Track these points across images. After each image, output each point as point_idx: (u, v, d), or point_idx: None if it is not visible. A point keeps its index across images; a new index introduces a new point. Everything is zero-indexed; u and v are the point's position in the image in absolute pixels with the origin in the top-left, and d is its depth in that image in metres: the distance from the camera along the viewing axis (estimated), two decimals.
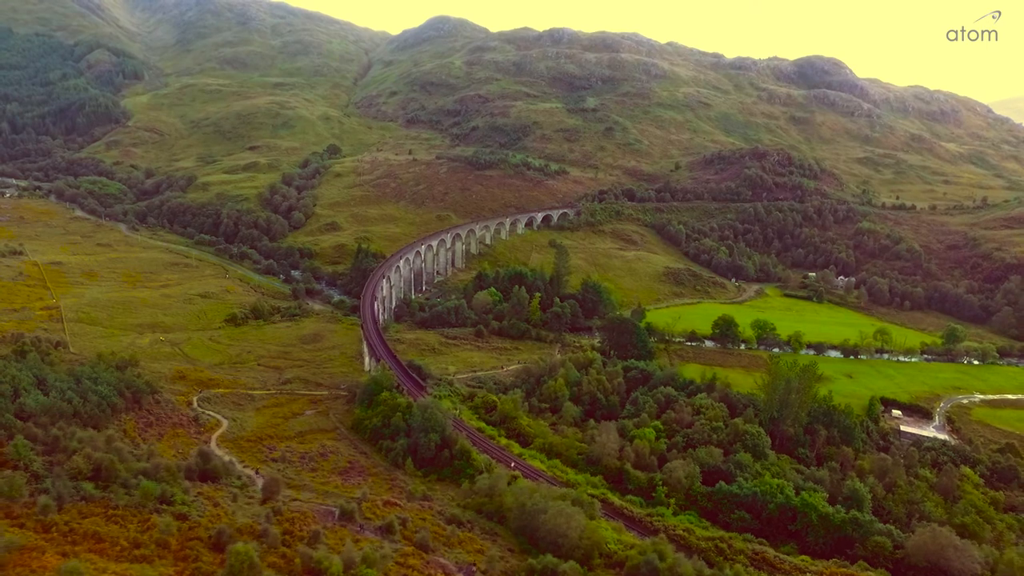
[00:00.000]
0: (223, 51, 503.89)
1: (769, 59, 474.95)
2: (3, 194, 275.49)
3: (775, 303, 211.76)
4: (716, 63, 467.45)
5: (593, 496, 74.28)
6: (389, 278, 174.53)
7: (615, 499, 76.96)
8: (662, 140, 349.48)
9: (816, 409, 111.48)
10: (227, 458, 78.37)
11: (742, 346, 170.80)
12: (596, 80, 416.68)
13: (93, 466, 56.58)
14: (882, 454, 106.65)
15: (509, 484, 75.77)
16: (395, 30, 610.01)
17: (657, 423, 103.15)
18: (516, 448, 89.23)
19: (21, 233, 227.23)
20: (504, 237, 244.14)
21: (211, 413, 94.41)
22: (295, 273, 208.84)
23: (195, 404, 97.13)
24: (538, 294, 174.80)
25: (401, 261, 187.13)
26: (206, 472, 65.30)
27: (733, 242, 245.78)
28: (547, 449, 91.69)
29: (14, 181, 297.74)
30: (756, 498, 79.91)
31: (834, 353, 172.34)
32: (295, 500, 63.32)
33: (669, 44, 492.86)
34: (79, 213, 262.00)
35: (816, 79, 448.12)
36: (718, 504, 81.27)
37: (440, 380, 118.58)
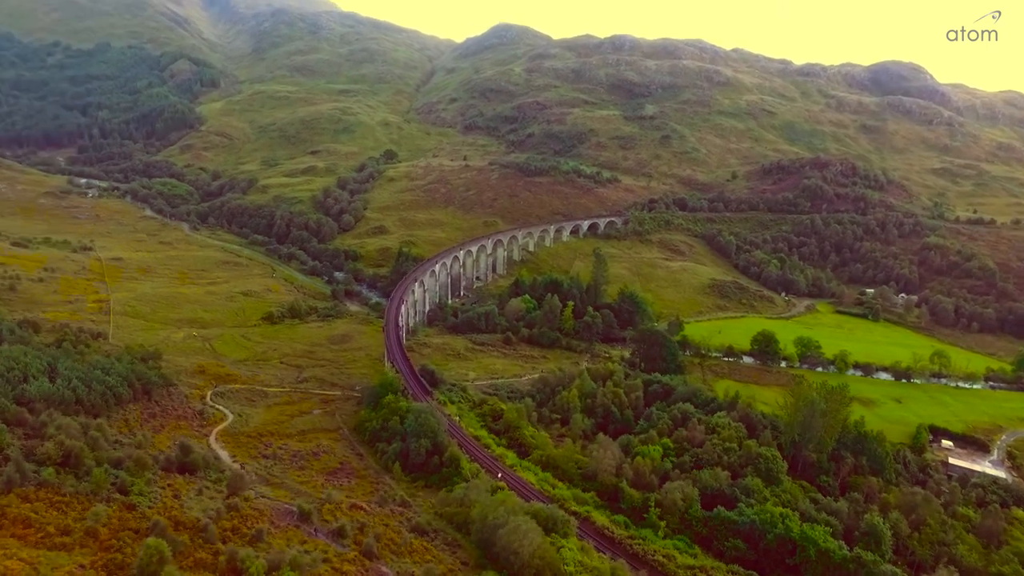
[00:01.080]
0: (293, 59, 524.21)
1: (840, 65, 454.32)
2: (86, 194, 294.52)
3: (826, 320, 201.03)
4: (783, 70, 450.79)
5: (575, 513, 71.72)
6: (423, 282, 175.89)
7: (600, 518, 74.00)
8: (721, 149, 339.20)
9: (846, 435, 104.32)
10: (221, 452, 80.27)
11: (783, 364, 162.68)
12: (656, 87, 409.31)
13: (63, 453, 58.90)
14: (916, 488, 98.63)
15: (493, 494, 74.29)
16: (461, 38, 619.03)
17: (667, 440, 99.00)
18: (511, 458, 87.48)
19: (95, 230, 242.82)
20: (548, 244, 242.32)
21: (220, 407, 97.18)
22: (338, 275, 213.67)
23: (208, 398, 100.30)
24: (571, 303, 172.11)
25: (437, 266, 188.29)
26: (185, 464, 66.98)
27: (786, 255, 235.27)
28: (544, 461, 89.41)
29: (97, 182, 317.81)
30: (754, 527, 75.16)
31: (884, 375, 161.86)
32: (263, 497, 64.02)
33: (734, 51, 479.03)
34: (148, 212, 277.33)
35: (891, 86, 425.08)
36: (713, 530, 76.92)
37: (454, 386, 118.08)
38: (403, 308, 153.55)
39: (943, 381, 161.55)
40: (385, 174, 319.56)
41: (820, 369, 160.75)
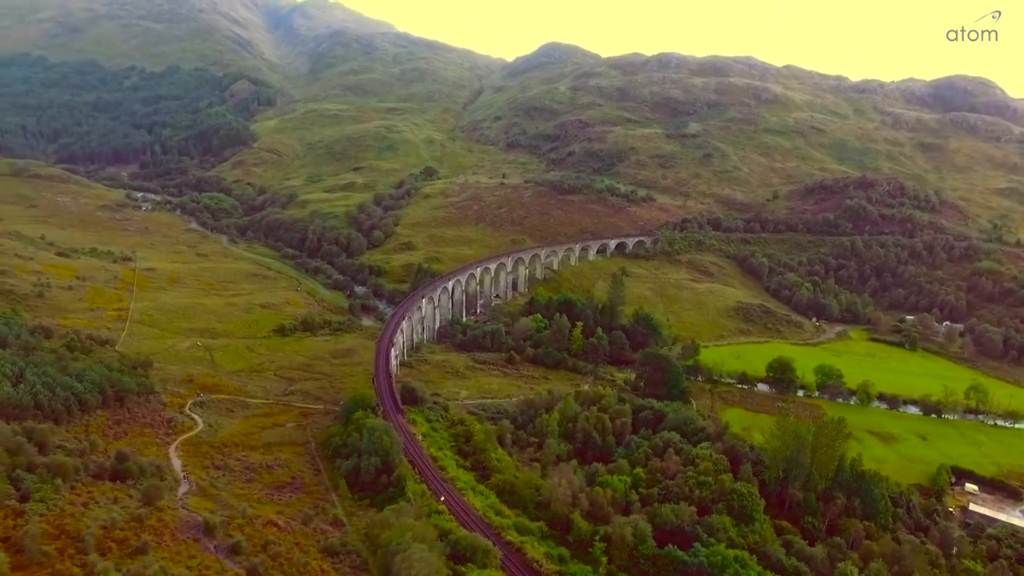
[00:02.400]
0: (347, 79, 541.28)
1: (900, 81, 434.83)
2: (140, 207, 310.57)
3: (857, 348, 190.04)
4: (837, 86, 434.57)
5: (508, 543, 68.93)
6: (432, 299, 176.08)
7: (538, 549, 70.68)
8: (764, 168, 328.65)
9: (841, 473, 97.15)
10: (176, 461, 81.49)
11: (800, 392, 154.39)
12: (701, 105, 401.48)
13: None
14: (910, 536, 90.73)
15: (428, 517, 72.57)
16: (512, 57, 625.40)
17: (639, 471, 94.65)
18: (465, 481, 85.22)
19: (140, 242, 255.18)
20: (573, 263, 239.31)
21: (195, 416, 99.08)
22: (358, 289, 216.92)
23: (187, 407, 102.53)
24: (580, 323, 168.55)
25: (451, 283, 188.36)
26: (118, 472, 68.24)
27: (822, 278, 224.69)
28: (502, 486, 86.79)
29: (152, 196, 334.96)
30: (702, 569, 70.38)
31: (912, 409, 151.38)
32: (183, 508, 64.32)
33: (786, 67, 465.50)
34: (193, 225, 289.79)
35: (956, 101, 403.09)
36: (661, 570, 72.47)
37: (436, 404, 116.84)
38: (405, 324, 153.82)
39: (980, 418, 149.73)
40: (421, 191, 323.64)
41: (840, 400, 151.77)
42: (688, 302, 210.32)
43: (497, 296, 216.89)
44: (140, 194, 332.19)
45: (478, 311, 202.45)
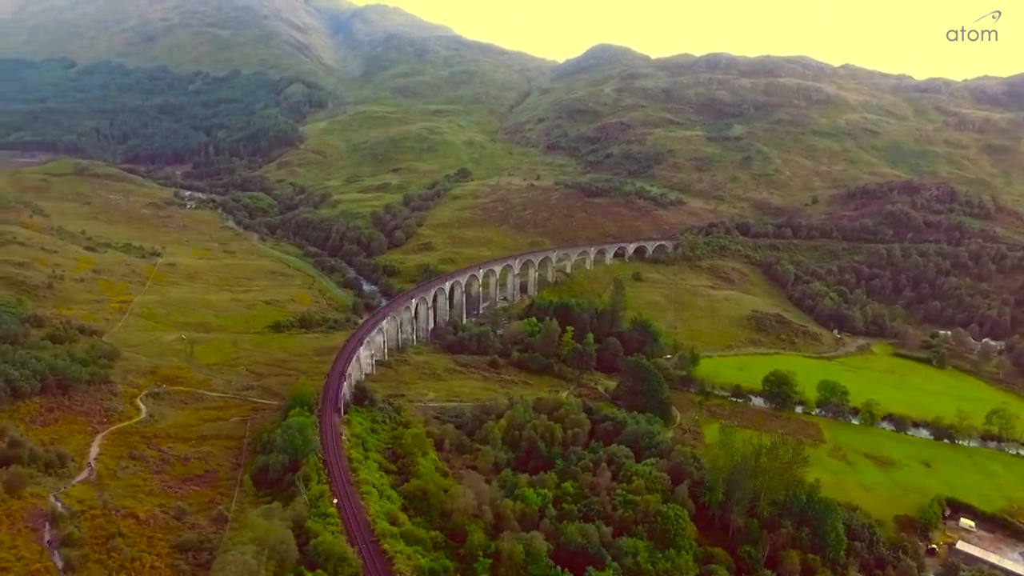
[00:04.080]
0: (398, 81, 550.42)
1: (973, 79, 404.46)
2: (184, 205, 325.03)
3: (877, 363, 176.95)
4: (897, 86, 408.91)
5: (383, 551, 66.52)
6: (426, 299, 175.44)
7: (409, 561, 67.67)
8: (807, 171, 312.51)
9: (795, 500, 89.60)
10: (93, 449, 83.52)
11: (798, 409, 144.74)
12: (748, 107, 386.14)
13: None
14: (859, 574, 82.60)
15: (323, 518, 71.25)
16: (564, 59, 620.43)
17: (568, 485, 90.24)
18: (375, 484, 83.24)
19: (175, 238, 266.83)
20: (588, 267, 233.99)
21: (141, 407, 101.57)
22: (368, 288, 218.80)
23: (139, 398, 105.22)
24: (571, 328, 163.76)
25: (449, 284, 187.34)
26: (8, 458, 70.31)
27: (850, 287, 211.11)
28: (413, 492, 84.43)
29: (199, 195, 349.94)
30: None
31: (922, 432, 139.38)
32: (53, 499, 65.28)
33: (843, 67, 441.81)
34: (230, 223, 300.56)
35: None
36: None
37: (388, 405, 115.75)
38: (387, 323, 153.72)
39: (1002, 446, 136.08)
40: (451, 192, 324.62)
41: (841, 419, 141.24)
42: (701, 309, 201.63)
43: (504, 299, 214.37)
44: (188, 193, 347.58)
45: (480, 312, 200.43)
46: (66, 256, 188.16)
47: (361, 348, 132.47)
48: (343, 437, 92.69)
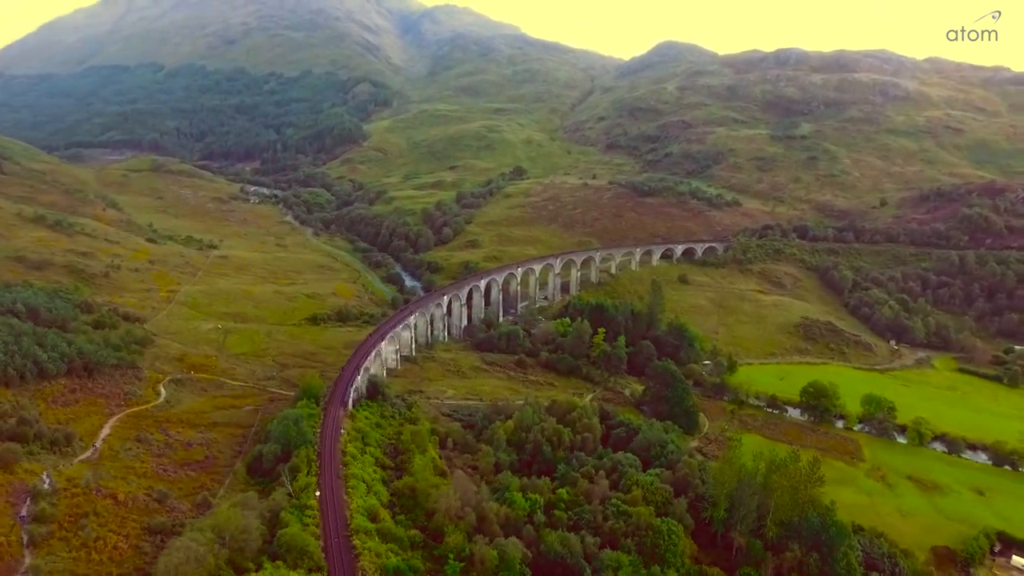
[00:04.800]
0: (461, 80, 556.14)
1: None
2: (248, 200, 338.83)
3: (936, 378, 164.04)
4: (990, 79, 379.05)
5: (351, 547, 66.03)
6: (459, 296, 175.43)
7: (376, 559, 66.62)
8: (877, 172, 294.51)
9: (807, 521, 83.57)
10: (104, 431, 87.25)
11: (838, 423, 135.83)
12: (817, 104, 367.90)
13: None
14: None
15: (302, 511, 71.79)
16: (630, 57, 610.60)
17: (563, 491, 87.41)
18: (366, 479, 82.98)
19: (234, 231, 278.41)
20: (634, 268, 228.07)
21: (161, 391, 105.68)
22: (410, 284, 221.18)
23: (162, 383, 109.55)
24: (602, 329, 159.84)
25: (484, 281, 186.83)
26: (16, 434, 74.14)
27: (914, 296, 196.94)
28: (402, 490, 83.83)
29: (263, 190, 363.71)
30: None
31: (980, 456, 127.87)
32: (41, 476, 68.16)
33: (928, 60, 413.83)
34: (288, 218, 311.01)
35: None
36: None
37: (402, 402, 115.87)
38: (416, 319, 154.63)
39: None
40: (504, 190, 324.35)
41: (885, 436, 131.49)
42: (747, 315, 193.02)
43: (545, 298, 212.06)
44: (253, 188, 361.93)
45: (518, 311, 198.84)
46: (126, 247, 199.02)
47: (384, 343, 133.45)
48: (343, 431, 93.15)
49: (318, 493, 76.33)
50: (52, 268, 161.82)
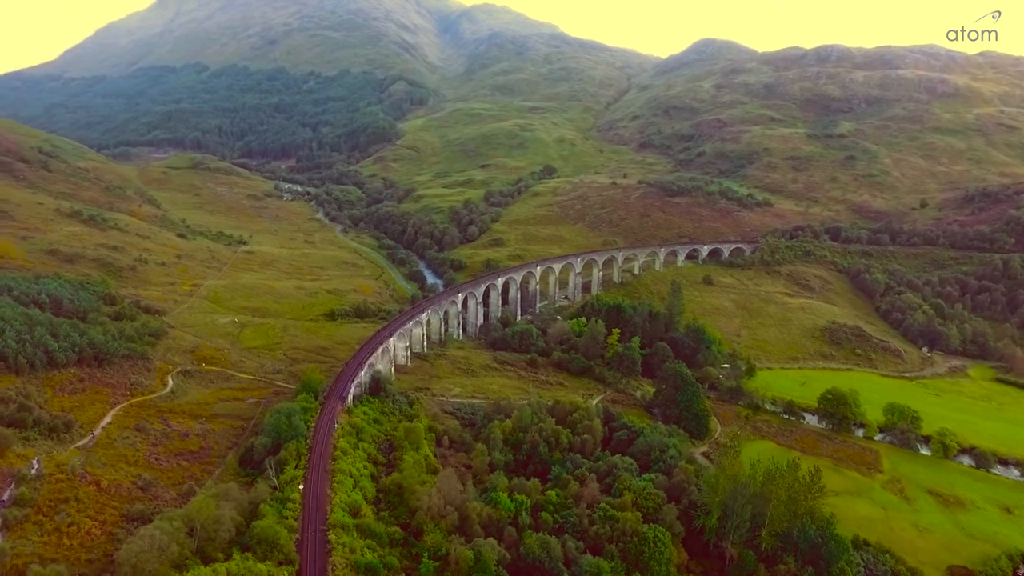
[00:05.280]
0: (497, 79, 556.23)
1: None
2: (281, 197, 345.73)
3: (970, 388, 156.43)
4: None
5: (326, 541, 66.01)
6: (475, 295, 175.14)
7: (350, 555, 66.26)
8: (920, 172, 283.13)
9: (804, 532, 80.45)
10: (106, 419, 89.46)
11: (858, 432, 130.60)
12: (859, 102, 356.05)
13: None
14: None
15: (283, 504, 72.26)
16: (667, 55, 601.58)
17: (552, 494, 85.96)
18: (354, 473, 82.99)
19: (265, 227, 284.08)
20: (658, 268, 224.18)
21: (169, 382, 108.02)
22: (432, 281, 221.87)
23: (171, 374, 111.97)
24: (617, 330, 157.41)
25: (502, 280, 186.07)
26: (15, 420, 76.54)
27: (951, 301, 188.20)
28: (389, 486, 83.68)
29: (298, 188, 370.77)
30: None
31: (1012, 472, 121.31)
32: (32, 461, 70.02)
33: (981, 55, 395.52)
34: (319, 215, 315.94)
35: None
36: None
37: (403, 398, 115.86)
38: (428, 316, 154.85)
39: None
40: (533, 189, 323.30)
41: (907, 447, 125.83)
42: (772, 318, 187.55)
43: (566, 298, 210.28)
44: (287, 185, 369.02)
45: (536, 310, 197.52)
46: (156, 242, 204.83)
47: (393, 339, 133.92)
48: (336, 425, 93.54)
49: (301, 487, 76.70)
50: (83, 261, 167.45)
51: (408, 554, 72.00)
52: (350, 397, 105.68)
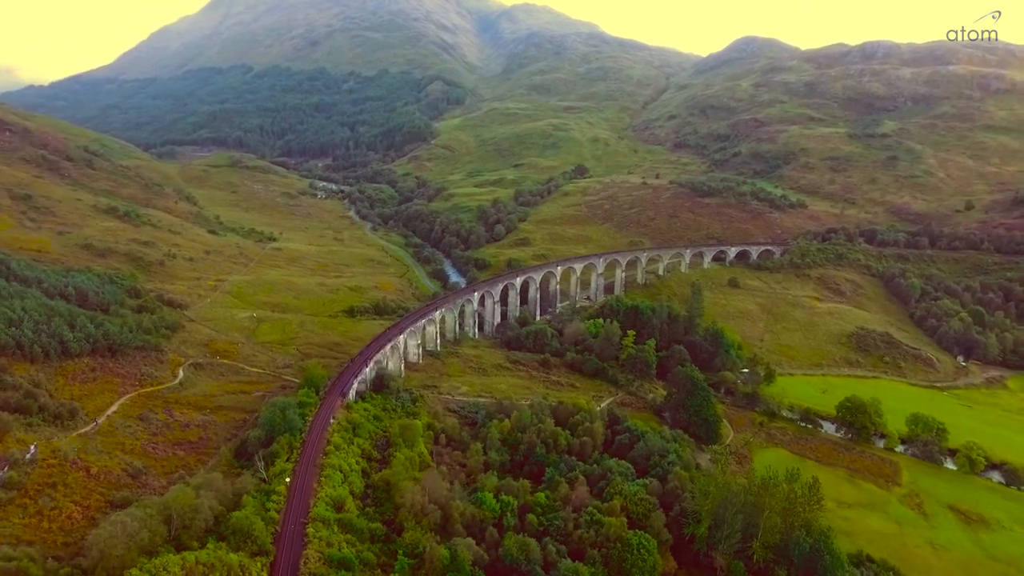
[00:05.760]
0: (533, 79, 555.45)
1: None
2: (315, 195, 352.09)
3: (1008, 400, 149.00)
4: None
5: (303, 535, 66.56)
6: (491, 293, 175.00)
7: (324, 549, 66.31)
8: (967, 172, 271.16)
9: (799, 544, 77.62)
10: (112, 408, 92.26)
11: (879, 443, 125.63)
12: (904, 100, 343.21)
13: None
14: None
15: (267, 497, 73.36)
16: (708, 53, 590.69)
17: (541, 495, 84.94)
18: (344, 468, 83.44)
19: (297, 225, 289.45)
20: (683, 270, 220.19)
21: (180, 374, 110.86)
22: (454, 280, 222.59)
23: (183, 366, 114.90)
24: (632, 332, 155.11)
25: (520, 279, 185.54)
26: (21, 406, 79.63)
27: (992, 308, 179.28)
28: (378, 483, 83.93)
29: (332, 186, 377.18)
30: None
31: None
32: (30, 446, 72.53)
33: None
34: (351, 213, 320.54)
35: None
36: None
37: (407, 395, 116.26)
38: (443, 314, 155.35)
39: None
40: (563, 188, 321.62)
41: (930, 460, 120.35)
42: (797, 322, 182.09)
43: (588, 298, 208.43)
44: (322, 183, 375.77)
45: (556, 310, 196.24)
46: (187, 238, 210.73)
47: (402, 337, 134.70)
48: (332, 420, 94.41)
49: (288, 480, 77.59)
50: (114, 256, 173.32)
51: (388, 550, 71.99)
52: (351, 393, 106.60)
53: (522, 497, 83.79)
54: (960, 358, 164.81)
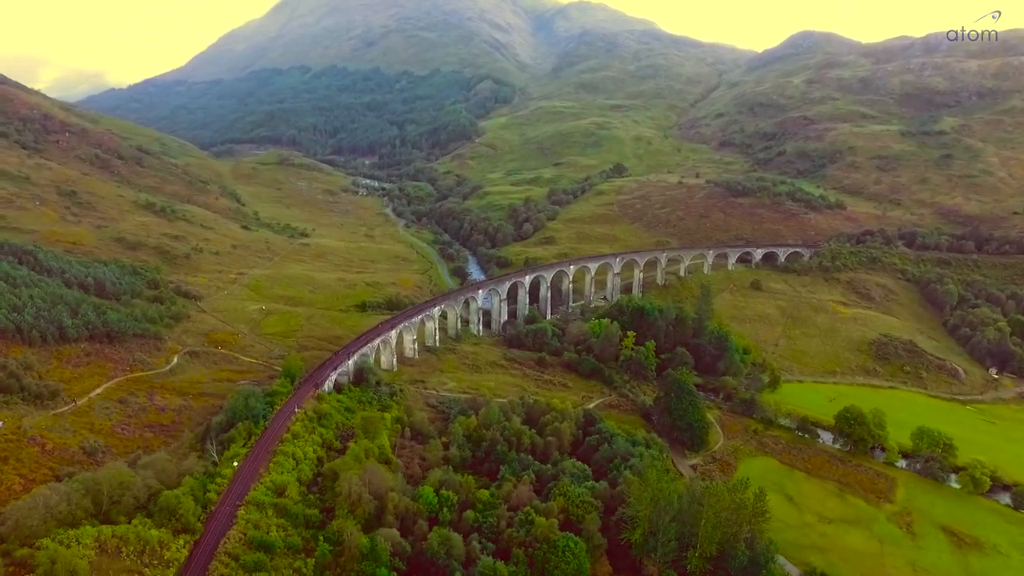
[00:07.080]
0: (582, 77, 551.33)
1: None
2: (356, 192, 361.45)
3: None
4: None
5: (233, 517, 69.10)
6: (498, 291, 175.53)
7: (256, 531, 68.65)
8: None
9: (738, 555, 75.09)
10: (97, 390, 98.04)
11: (880, 456, 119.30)
12: (968, 94, 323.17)
13: None
14: None
15: (211, 477, 76.80)
16: (763, 49, 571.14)
17: (485, 493, 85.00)
18: (296, 457, 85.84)
19: (332, 221, 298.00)
20: (706, 271, 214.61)
21: (173, 361, 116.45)
22: (472, 277, 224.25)
23: (178, 354, 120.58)
24: (632, 333, 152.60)
25: (529, 277, 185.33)
26: (3, 386, 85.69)
27: None
28: (327, 472, 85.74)
29: (374, 183, 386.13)
30: None
31: None
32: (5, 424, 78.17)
33: None
34: (387, 210, 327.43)
35: None
36: None
37: (387, 388, 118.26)
38: (442, 310, 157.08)
39: None
40: (597, 187, 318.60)
41: (931, 477, 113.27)
42: (817, 327, 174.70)
43: (604, 298, 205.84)
44: (365, 181, 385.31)
45: (567, 309, 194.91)
46: (218, 232, 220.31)
47: (394, 332, 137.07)
48: (297, 410, 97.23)
49: (236, 464, 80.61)
50: (144, 249, 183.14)
51: (318, 537, 73.78)
52: (328, 384, 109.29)
53: (465, 493, 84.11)
54: (993, 370, 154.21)
